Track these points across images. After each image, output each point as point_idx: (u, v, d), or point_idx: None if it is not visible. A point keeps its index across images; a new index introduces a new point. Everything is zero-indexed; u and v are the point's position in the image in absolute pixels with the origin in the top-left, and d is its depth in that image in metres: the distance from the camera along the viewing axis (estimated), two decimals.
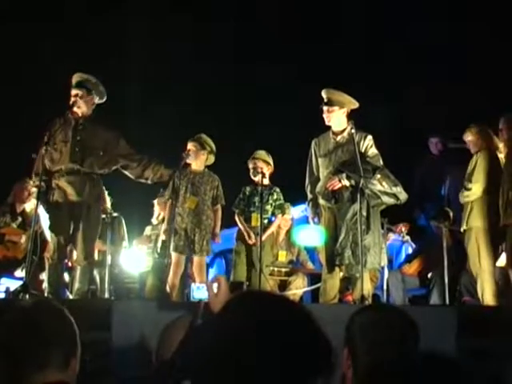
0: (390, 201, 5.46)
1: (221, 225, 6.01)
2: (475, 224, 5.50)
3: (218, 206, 5.95)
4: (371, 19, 8.50)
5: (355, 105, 5.53)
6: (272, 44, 8.47)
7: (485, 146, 5.63)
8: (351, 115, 5.57)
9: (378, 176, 5.35)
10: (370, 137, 5.50)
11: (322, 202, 5.52)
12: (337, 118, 5.52)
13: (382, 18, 8.49)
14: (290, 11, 8.52)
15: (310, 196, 5.65)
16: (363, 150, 5.44)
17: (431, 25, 8.26)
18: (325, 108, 5.50)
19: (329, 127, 5.61)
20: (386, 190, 5.38)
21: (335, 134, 5.55)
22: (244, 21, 8.67)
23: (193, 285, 2.77)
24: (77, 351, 1.89)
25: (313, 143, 5.67)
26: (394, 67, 8.21)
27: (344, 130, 5.53)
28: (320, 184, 5.53)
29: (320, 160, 5.58)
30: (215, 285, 2.04)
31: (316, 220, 5.61)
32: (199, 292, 2.77)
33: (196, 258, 5.79)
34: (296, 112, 8.06)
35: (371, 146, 5.49)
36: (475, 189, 5.52)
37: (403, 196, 5.47)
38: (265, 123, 8.32)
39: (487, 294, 5.35)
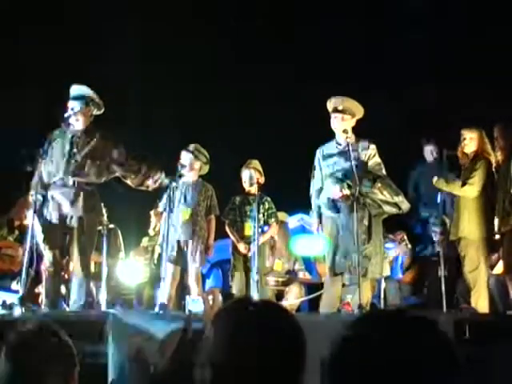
0: (392, 210, 5.45)
1: (216, 235, 5.98)
2: (471, 233, 5.49)
3: (212, 216, 5.92)
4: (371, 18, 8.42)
5: (362, 114, 5.53)
6: (268, 44, 8.36)
7: (484, 154, 5.60)
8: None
9: (379, 185, 5.34)
10: (373, 146, 5.48)
11: (323, 211, 5.50)
12: (347, 127, 5.46)
13: (382, 17, 8.41)
14: (290, 11, 8.45)
15: (315, 205, 5.61)
16: (366, 159, 5.43)
17: (431, 24, 8.19)
18: (339, 115, 5.43)
19: (331, 135, 5.58)
20: (388, 199, 5.37)
21: (339, 142, 5.54)
22: (243, 21, 8.60)
23: (188, 297, 2.74)
24: (75, 372, 1.91)
25: (317, 152, 5.63)
26: (395, 66, 8.10)
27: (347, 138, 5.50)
28: (322, 193, 5.52)
29: (324, 169, 5.57)
30: (210, 297, 2.05)
31: (321, 229, 5.56)
32: (194, 305, 2.77)
33: (191, 269, 5.77)
34: (295, 119, 7.98)
35: (374, 155, 5.47)
36: (474, 188, 5.47)
37: (405, 205, 5.46)
38: (261, 129, 8.21)
39: (481, 301, 5.34)
